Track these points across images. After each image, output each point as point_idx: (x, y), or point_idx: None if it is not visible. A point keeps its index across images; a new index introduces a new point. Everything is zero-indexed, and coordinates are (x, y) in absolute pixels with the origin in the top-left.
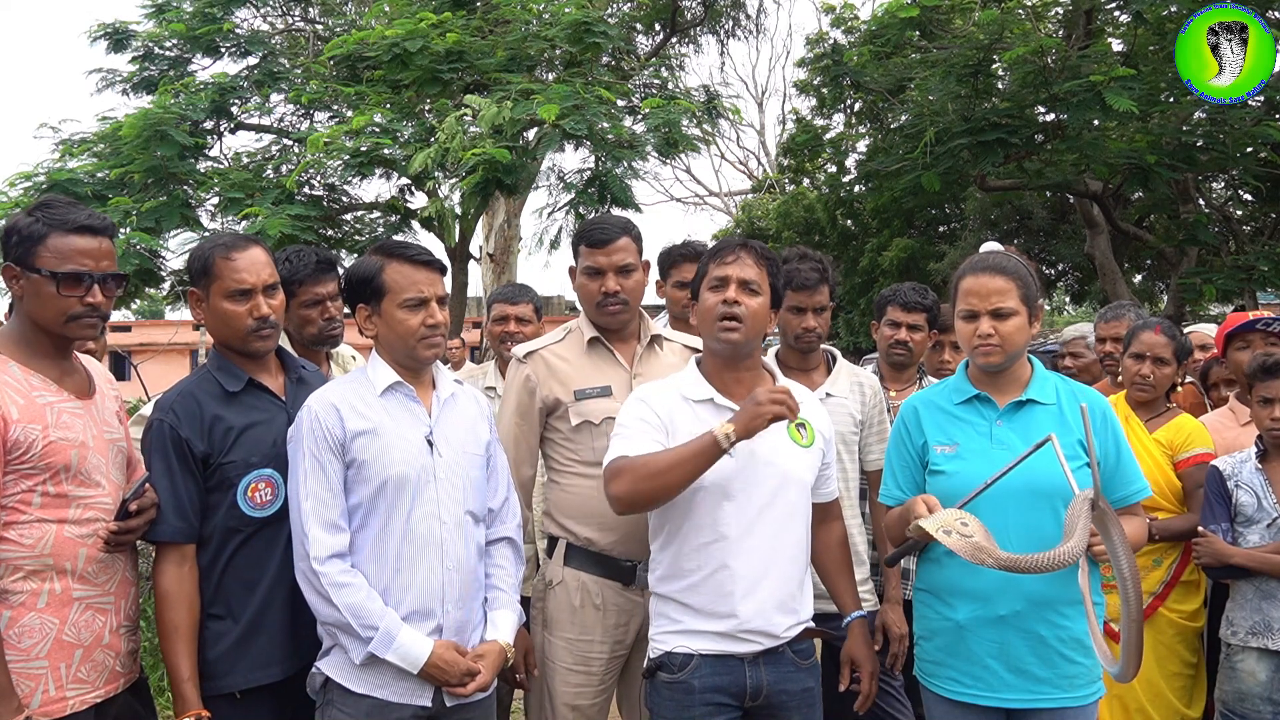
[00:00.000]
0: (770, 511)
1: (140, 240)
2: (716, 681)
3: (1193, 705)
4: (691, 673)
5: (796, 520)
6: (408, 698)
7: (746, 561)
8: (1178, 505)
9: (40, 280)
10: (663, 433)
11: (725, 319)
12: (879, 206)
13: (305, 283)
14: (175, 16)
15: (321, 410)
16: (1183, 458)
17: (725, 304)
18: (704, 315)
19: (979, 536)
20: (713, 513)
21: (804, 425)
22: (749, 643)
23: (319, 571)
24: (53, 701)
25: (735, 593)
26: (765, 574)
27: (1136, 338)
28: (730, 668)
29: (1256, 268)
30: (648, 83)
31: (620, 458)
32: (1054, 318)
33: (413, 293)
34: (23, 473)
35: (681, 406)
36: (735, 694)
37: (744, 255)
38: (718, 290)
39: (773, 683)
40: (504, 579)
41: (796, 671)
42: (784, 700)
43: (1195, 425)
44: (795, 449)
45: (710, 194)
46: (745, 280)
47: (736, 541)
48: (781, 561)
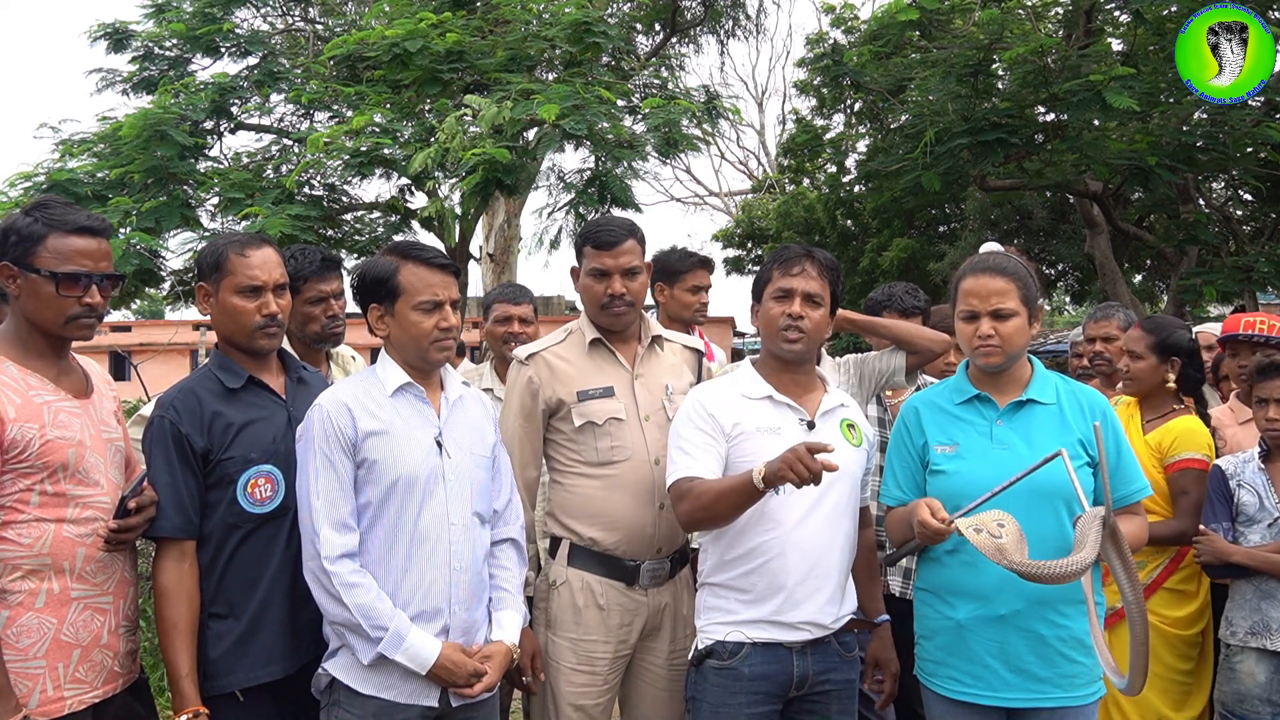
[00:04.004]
0: (823, 504)
1: (140, 240)
2: (765, 670)
3: (1183, 711)
4: (742, 660)
5: (846, 515)
6: (415, 698)
7: (801, 551)
8: (1167, 509)
9: (39, 280)
10: (722, 439)
11: (789, 329)
12: (879, 206)
13: (310, 279)
14: (175, 16)
15: (333, 409)
16: (1170, 462)
17: (790, 317)
18: (768, 323)
19: (1009, 539)
20: (768, 502)
21: (853, 426)
22: (800, 631)
23: (330, 571)
24: (50, 701)
25: (789, 582)
26: (818, 564)
27: (1125, 334)
28: (779, 657)
29: (1256, 268)
30: (648, 83)
31: (684, 479)
32: (1054, 318)
33: (428, 295)
34: (20, 472)
35: (743, 406)
36: (782, 683)
37: (809, 267)
38: (782, 301)
39: (818, 673)
40: (508, 580)
41: (841, 662)
42: (827, 690)
43: (1185, 429)
44: (848, 446)
45: (710, 194)
46: (810, 293)
47: (792, 531)
48: (833, 553)
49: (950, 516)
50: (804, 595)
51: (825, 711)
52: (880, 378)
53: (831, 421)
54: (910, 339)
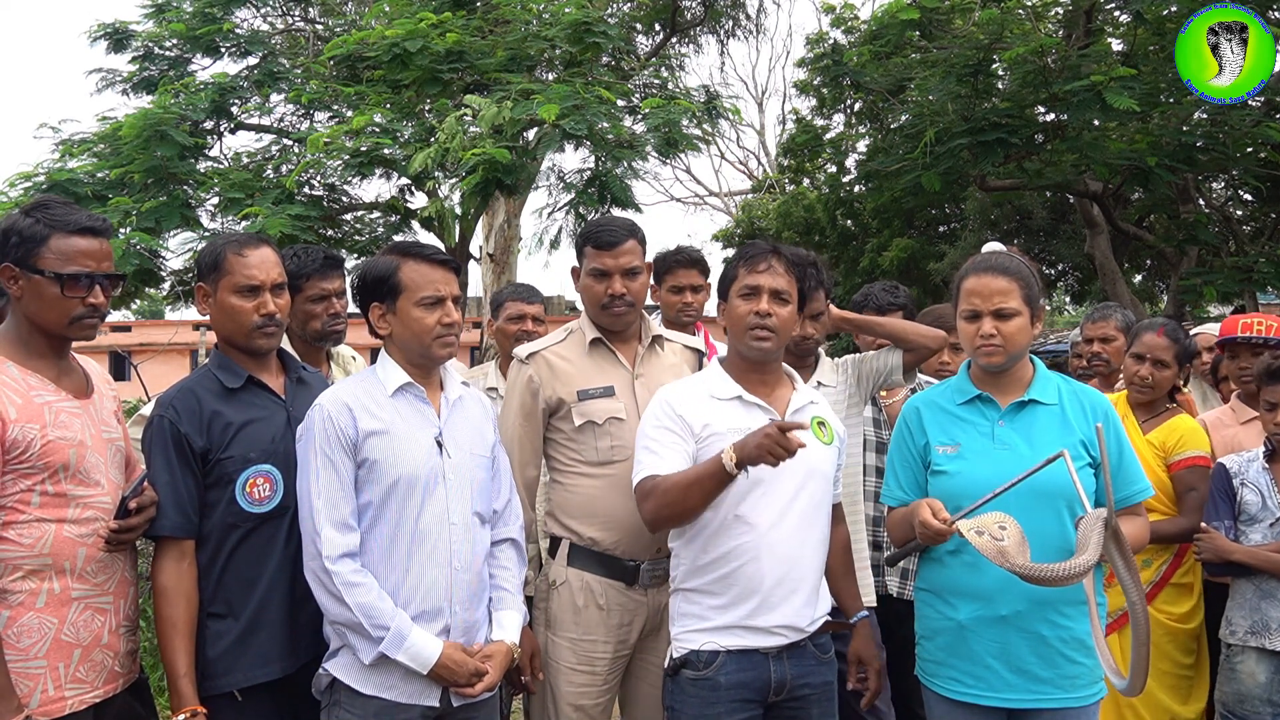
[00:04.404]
0: (797, 503)
1: (140, 240)
2: (742, 678)
3: (1189, 704)
4: (718, 669)
5: (820, 514)
6: (416, 698)
7: (776, 554)
8: (1170, 507)
9: (43, 281)
10: (690, 439)
11: (757, 329)
12: (879, 206)
13: (312, 277)
14: (175, 16)
15: (334, 409)
16: (1175, 460)
17: (758, 315)
18: (736, 322)
19: (1010, 542)
20: (740, 504)
21: (824, 423)
22: (776, 636)
23: (331, 571)
24: (51, 701)
25: (764, 585)
26: (794, 566)
27: (1139, 338)
28: (755, 663)
29: (1256, 268)
30: (648, 83)
31: (649, 478)
32: (1054, 318)
33: (429, 291)
34: (21, 472)
35: (713, 407)
36: (760, 689)
37: (775, 264)
38: (749, 299)
39: (796, 676)
40: (508, 580)
41: (818, 665)
42: (806, 694)
43: (1188, 427)
44: (819, 445)
45: (710, 194)
46: (777, 290)
47: (766, 533)
48: (808, 554)
49: (951, 517)
50: (780, 598)
51: (806, 717)
52: (878, 376)
53: (802, 419)
54: (904, 335)
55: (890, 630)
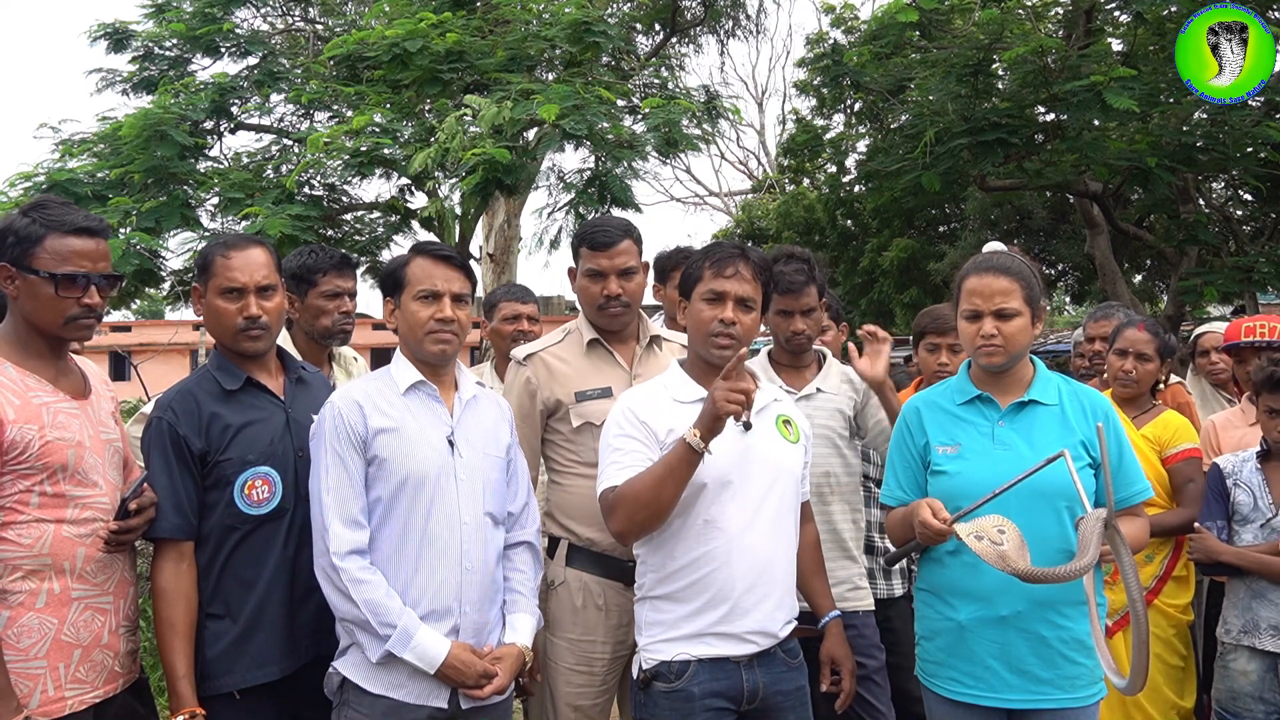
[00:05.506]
0: (768, 504)
1: (140, 240)
2: (715, 686)
3: (1184, 696)
4: (690, 680)
5: (790, 515)
6: (424, 699)
7: (747, 558)
8: (1168, 500)
9: (38, 281)
10: (655, 446)
11: (721, 336)
12: (879, 206)
13: (327, 273)
14: (175, 16)
15: (345, 407)
16: (1170, 453)
17: (722, 323)
18: (698, 326)
19: (1010, 545)
20: (710, 508)
21: (789, 422)
22: (749, 643)
23: (339, 567)
24: (51, 701)
25: (735, 591)
26: (766, 569)
27: (1120, 335)
28: (728, 671)
29: (1256, 268)
30: (648, 83)
31: (611, 490)
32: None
33: (426, 285)
34: (20, 473)
35: (676, 410)
36: (733, 698)
37: (743, 269)
38: (714, 305)
39: (768, 684)
40: (523, 583)
41: (789, 671)
42: (779, 701)
43: (1181, 421)
44: (785, 444)
45: (710, 194)
46: (742, 298)
47: (737, 537)
48: (779, 557)
49: (951, 517)
50: (751, 603)
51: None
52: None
53: (766, 419)
54: None
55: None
